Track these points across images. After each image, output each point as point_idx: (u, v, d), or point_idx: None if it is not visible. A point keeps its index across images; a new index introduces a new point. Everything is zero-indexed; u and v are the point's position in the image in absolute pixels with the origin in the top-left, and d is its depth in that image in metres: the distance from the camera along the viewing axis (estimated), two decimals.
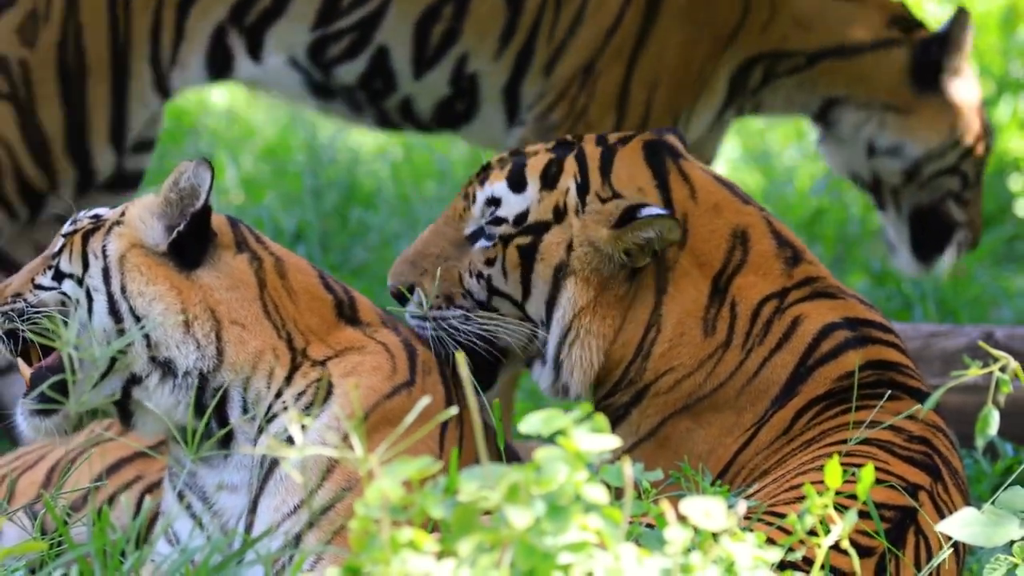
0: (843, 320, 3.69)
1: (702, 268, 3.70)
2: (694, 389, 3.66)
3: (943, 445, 3.60)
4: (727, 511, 2.64)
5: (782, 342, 3.66)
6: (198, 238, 3.63)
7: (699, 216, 3.72)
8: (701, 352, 3.67)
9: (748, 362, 3.65)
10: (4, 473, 4.09)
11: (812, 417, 3.61)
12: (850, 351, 3.65)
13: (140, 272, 3.61)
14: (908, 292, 7.05)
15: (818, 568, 2.90)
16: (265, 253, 3.72)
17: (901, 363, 3.71)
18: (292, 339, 3.63)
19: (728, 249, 3.71)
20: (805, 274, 3.75)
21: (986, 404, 2.97)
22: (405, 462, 2.58)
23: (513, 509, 2.52)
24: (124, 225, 3.66)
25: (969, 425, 4.56)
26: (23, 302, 3.62)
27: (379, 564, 2.54)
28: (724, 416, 3.64)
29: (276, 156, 8.11)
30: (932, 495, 3.47)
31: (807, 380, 3.63)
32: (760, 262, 3.71)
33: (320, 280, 3.73)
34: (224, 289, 3.62)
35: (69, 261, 3.65)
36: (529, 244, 3.71)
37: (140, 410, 3.62)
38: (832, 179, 8.16)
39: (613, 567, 2.56)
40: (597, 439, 2.59)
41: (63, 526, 3.20)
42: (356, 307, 3.72)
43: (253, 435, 3.59)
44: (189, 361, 3.58)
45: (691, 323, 3.68)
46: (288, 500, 3.52)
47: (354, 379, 3.58)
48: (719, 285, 3.69)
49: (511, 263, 3.72)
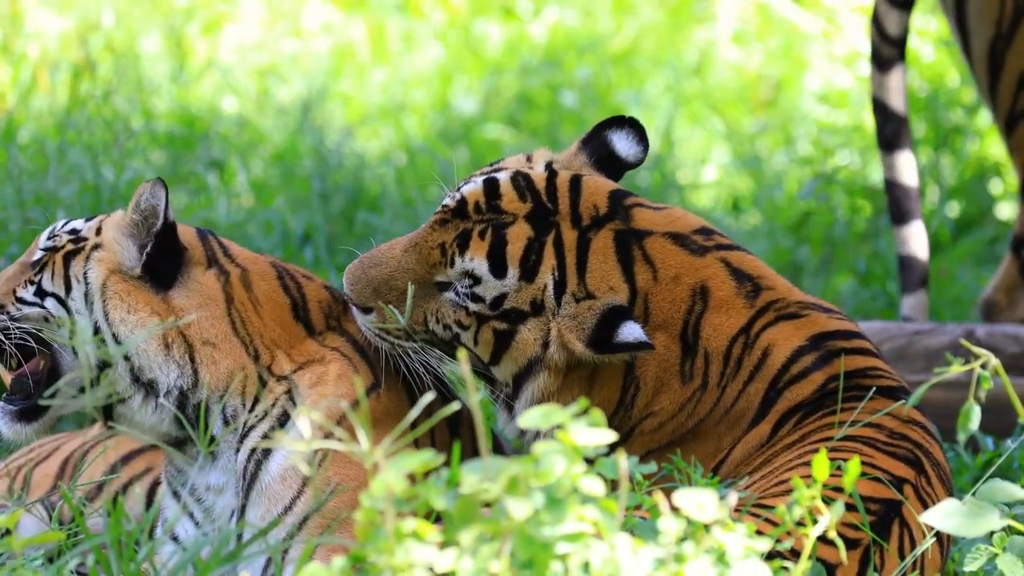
0: (808, 342, 3.81)
1: (668, 331, 3.83)
2: (676, 428, 3.81)
3: (923, 439, 3.69)
4: (718, 503, 2.70)
5: (753, 373, 3.80)
6: (169, 254, 3.71)
7: (660, 292, 3.85)
8: (681, 397, 3.82)
9: (724, 397, 3.80)
10: (19, 465, 4.17)
11: (793, 426, 3.74)
12: (815, 372, 3.78)
13: (121, 299, 3.68)
14: (892, 292, 7.13)
15: (805, 557, 2.96)
16: (231, 266, 3.79)
17: (870, 367, 3.80)
18: (259, 355, 3.72)
19: (688, 308, 3.85)
20: (766, 300, 3.87)
21: (968, 400, 3.04)
22: (407, 456, 2.64)
23: (513, 501, 2.58)
24: (103, 249, 3.72)
25: (951, 420, 4.66)
26: (5, 315, 3.69)
27: (383, 554, 2.60)
28: (706, 444, 3.79)
29: (285, 161, 8.17)
30: (916, 488, 3.56)
31: (777, 401, 3.77)
32: (720, 304, 3.85)
33: (279, 282, 3.81)
34: (195, 308, 3.70)
35: (51, 281, 3.72)
36: (505, 331, 3.79)
37: (124, 420, 3.71)
38: (819, 183, 8.25)
39: (609, 556, 2.62)
40: (593, 433, 2.66)
41: (80, 516, 3.28)
42: (308, 307, 3.80)
43: (235, 444, 3.70)
44: (171, 380, 3.67)
45: (668, 376, 3.83)
46: (272, 509, 3.63)
47: (320, 388, 3.67)
48: (687, 339, 3.83)
49: (484, 340, 3.80)
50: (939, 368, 3.10)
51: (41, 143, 6.96)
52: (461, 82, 10.34)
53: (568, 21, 11.02)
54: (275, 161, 8.16)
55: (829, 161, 8.47)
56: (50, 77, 8.59)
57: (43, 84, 8.58)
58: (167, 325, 3.67)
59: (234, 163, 7.94)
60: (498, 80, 10.25)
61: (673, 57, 10.70)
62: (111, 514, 3.00)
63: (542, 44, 10.72)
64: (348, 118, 9.48)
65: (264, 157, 8.27)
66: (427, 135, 9.45)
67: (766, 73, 10.38)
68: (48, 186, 6.14)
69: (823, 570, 3.27)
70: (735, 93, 10.30)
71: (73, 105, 7.72)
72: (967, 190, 8.52)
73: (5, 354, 3.68)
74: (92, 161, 6.32)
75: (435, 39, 10.85)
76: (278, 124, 8.82)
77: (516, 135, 9.68)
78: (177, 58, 9.56)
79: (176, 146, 7.86)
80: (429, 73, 10.42)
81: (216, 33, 10.33)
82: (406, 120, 9.75)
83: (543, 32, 10.87)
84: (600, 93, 10.02)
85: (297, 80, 9.79)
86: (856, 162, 8.52)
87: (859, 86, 8.91)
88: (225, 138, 8.36)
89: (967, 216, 8.49)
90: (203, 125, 8.45)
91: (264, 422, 3.66)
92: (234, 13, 10.55)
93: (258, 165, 8.14)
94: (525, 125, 9.82)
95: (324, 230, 6.90)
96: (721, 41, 10.80)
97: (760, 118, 10.01)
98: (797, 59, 10.16)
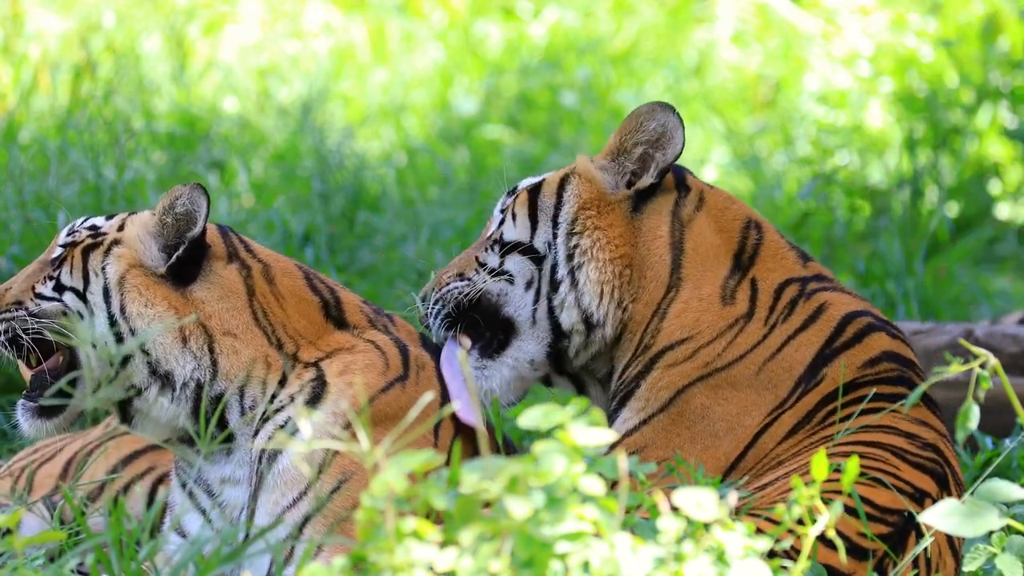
0: (865, 310, 3.77)
1: (721, 236, 3.80)
2: (712, 359, 3.68)
3: (951, 453, 3.65)
4: (718, 502, 2.71)
5: (807, 323, 3.70)
6: (193, 256, 3.74)
7: (715, 196, 3.86)
8: (720, 321, 3.71)
9: (771, 337, 3.69)
10: (23, 465, 4.18)
11: (834, 409, 3.63)
12: (874, 334, 3.71)
13: (139, 293, 3.70)
14: (891, 291, 7.14)
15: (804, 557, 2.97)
16: (253, 260, 3.81)
17: (915, 362, 3.78)
18: (282, 344, 3.73)
19: (743, 228, 3.81)
20: (818, 271, 3.83)
21: (967, 399, 3.04)
22: (408, 455, 2.65)
23: (513, 500, 2.60)
24: (123, 245, 3.75)
25: (951, 420, 4.66)
26: (24, 311, 3.71)
27: (384, 553, 2.61)
28: (742, 394, 3.66)
29: (285, 161, 8.18)
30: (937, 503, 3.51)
31: (832, 363, 3.67)
32: (775, 249, 3.80)
33: (306, 282, 3.83)
34: (215, 301, 3.72)
35: (70, 275, 3.74)
36: (533, 187, 3.87)
37: (140, 415, 3.73)
38: (818, 183, 8.26)
39: (609, 556, 2.63)
40: (593, 433, 2.67)
41: (81, 516, 3.29)
42: (342, 307, 3.82)
43: (251, 434, 3.70)
44: (187, 372, 3.68)
45: (709, 288, 3.74)
46: (288, 493, 3.63)
47: (348, 377, 3.68)
48: (740, 261, 3.77)
49: (520, 203, 3.86)
50: (938, 368, 3.11)
51: (42, 143, 6.97)
52: (461, 82, 10.35)
53: (568, 21, 11.03)
54: (276, 161, 8.17)
55: (828, 161, 8.48)
56: (51, 77, 8.60)
57: (44, 84, 8.59)
58: (184, 321, 3.68)
59: (235, 163, 7.95)
60: (498, 80, 10.26)
61: (673, 57, 10.71)
62: (112, 513, 3.02)
63: (542, 44, 10.73)
64: (348, 118, 9.49)
65: (265, 157, 8.28)
66: (427, 135, 9.46)
67: (765, 73, 10.39)
68: (49, 186, 6.14)
69: (823, 571, 3.27)
70: (734, 93, 10.31)
71: (74, 105, 7.74)
72: (966, 190, 8.53)
73: (24, 350, 3.69)
74: (93, 161, 6.33)
75: (435, 40, 10.86)
76: (279, 124, 8.83)
77: (516, 135, 9.69)
78: (178, 58, 9.56)
79: (177, 146, 7.87)
80: (429, 74, 10.43)
81: (217, 34, 10.34)
82: (406, 120, 9.76)
83: (543, 32, 10.88)
84: (600, 93, 10.03)
85: (298, 80, 9.80)
86: (855, 162, 8.53)
87: (859, 86, 8.92)
88: (226, 138, 8.37)
89: (966, 216, 8.50)
90: (204, 125, 8.45)
91: (290, 407, 3.67)
92: (235, 14, 10.56)
93: (259, 165, 8.15)
94: (525, 125, 9.83)
95: (325, 230, 6.91)
96: (721, 42, 10.81)
97: (759, 118, 10.02)
98: (796, 59, 10.17)
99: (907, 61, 8.81)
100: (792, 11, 10.38)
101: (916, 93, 8.63)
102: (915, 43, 8.82)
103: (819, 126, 8.80)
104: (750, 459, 3.62)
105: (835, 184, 8.31)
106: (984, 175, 8.51)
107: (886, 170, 8.51)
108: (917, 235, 7.55)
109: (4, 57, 8.81)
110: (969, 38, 8.89)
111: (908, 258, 7.30)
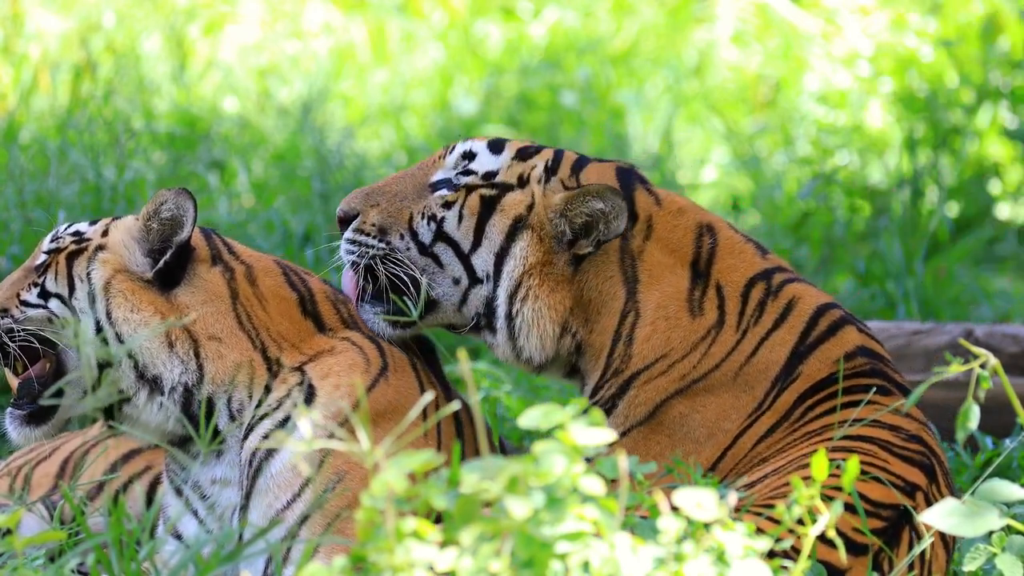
0: (834, 303, 3.76)
1: (675, 254, 3.77)
2: (688, 371, 3.67)
3: (934, 441, 3.66)
4: (718, 502, 2.72)
5: (779, 322, 3.70)
6: (178, 260, 3.75)
7: (663, 216, 3.81)
8: (692, 335, 3.70)
9: (745, 342, 3.68)
10: (20, 465, 4.19)
11: (813, 405, 3.63)
12: (846, 327, 3.71)
13: (125, 298, 3.71)
14: (891, 291, 7.15)
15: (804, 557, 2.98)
16: (236, 262, 3.82)
17: (886, 356, 3.79)
18: (266, 348, 3.74)
19: (696, 237, 3.79)
20: (778, 263, 3.82)
21: (967, 399, 3.05)
22: (408, 455, 2.65)
23: (513, 500, 2.60)
24: (108, 251, 3.76)
25: (951, 420, 4.67)
26: (9, 318, 3.72)
27: (384, 553, 2.62)
28: (720, 399, 3.65)
29: (286, 161, 8.19)
30: (927, 495, 3.53)
31: (807, 360, 3.68)
32: (731, 247, 3.78)
33: (284, 279, 3.84)
34: (200, 304, 3.73)
35: (55, 281, 3.74)
36: (492, 196, 3.85)
37: (129, 420, 3.73)
38: (818, 183, 8.27)
39: (608, 556, 2.64)
40: (593, 433, 2.67)
41: (81, 516, 3.29)
42: (316, 302, 3.83)
43: (241, 436, 3.71)
44: (175, 376, 3.70)
45: (674, 306, 3.72)
46: (281, 496, 3.64)
47: (334, 379, 3.69)
48: (698, 269, 3.75)
49: (470, 208, 3.84)
50: (938, 368, 3.11)
51: (42, 143, 6.97)
52: (461, 82, 10.35)
53: (568, 21, 11.03)
54: (276, 161, 8.17)
55: (828, 161, 8.48)
56: (51, 78, 8.61)
57: (44, 85, 8.60)
58: (170, 324, 3.69)
59: (235, 163, 7.96)
60: (498, 80, 10.27)
61: (673, 57, 10.72)
62: (112, 513, 3.02)
63: (542, 45, 10.74)
64: (349, 118, 9.50)
65: (265, 157, 8.29)
66: (427, 135, 9.46)
67: (765, 73, 10.39)
68: (49, 186, 6.15)
69: (823, 570, 3.27)
70: (734, 93, 10.32)
71: (74, 105, 7.74)
72: (966, 190, 8.53)
73: (10, 358, 3.70)
74: (93, 161, 6.34)
75: (435, 40, 10.86)
76: (279, 124, 8.84)
77: (516, 135, 9.70)
78: (178, 59, 9.57)
79: (177, 146, 7.88)
80: (429, 74, 10.44)
81: (217, 34, 10.34)
82: (406, 120, 9.76)
83: (543, 33, 10.89)
84: (600, 93, 10.03)
85: (298, 80, 9.80)
86: (855, 162, 8.53)
87: (859, 86, 8.92)
88: (226, 138, 8.38)
89: (966, 216, 8.50)
90: (204, 125, 8.46)
91: (278, 411, 3.68)
92: (235, 14, 10.56)
93: (259, 165, 8.16)
94: (525, 125, 9.83)
95: (325, 230, 6.91)
96: (721, 42, 10.81)
97: (759, 118, 10.02)
98: (796, 59, 10.17)
99: (907, 61, 8.81)
100: (792, 11, 10.39)
101: (916, 93, 8.64)
102: (915, 43, 8.82)
103: (819, 126, 8.81)
104: (728, 460, 3.63)
105: (835, 184, 8.31)
106: (984, 175, 8.52)
107: (886, 170, 8.52)
108: (917, 235, 7.55)
109: (4, 57, 8.82)
110: (969, 38, 8.89)
111: (908, 258, 7.30)
